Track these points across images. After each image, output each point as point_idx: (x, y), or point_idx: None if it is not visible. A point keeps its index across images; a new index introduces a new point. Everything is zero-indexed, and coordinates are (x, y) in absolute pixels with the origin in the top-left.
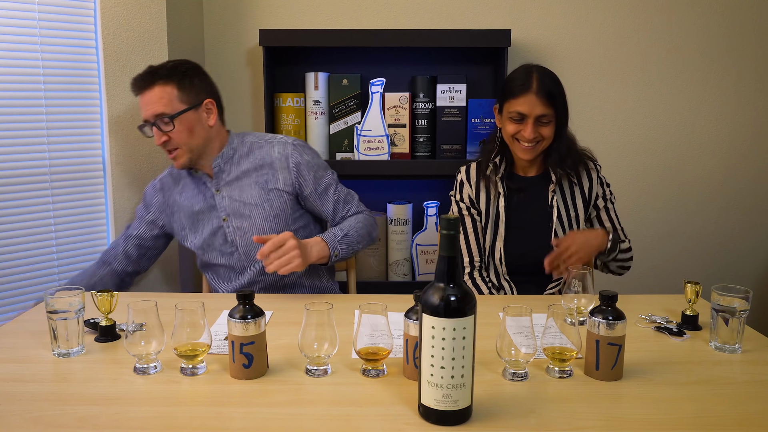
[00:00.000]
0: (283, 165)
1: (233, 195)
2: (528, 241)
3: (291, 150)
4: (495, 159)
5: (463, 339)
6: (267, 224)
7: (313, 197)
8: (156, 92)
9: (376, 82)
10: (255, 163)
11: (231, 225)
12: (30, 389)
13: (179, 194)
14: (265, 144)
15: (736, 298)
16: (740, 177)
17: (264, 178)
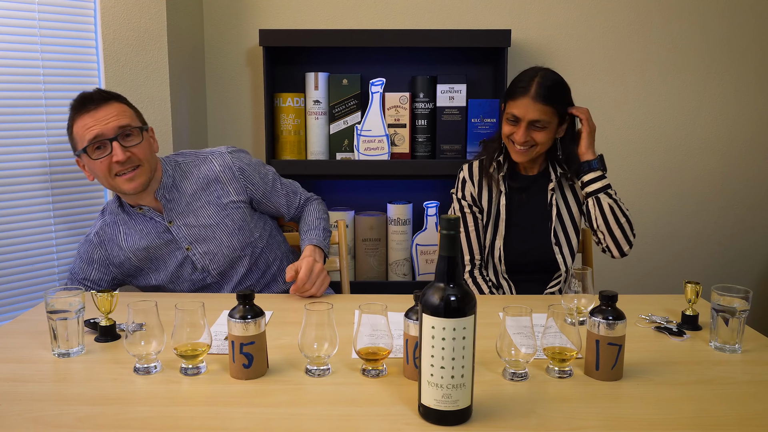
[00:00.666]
0: (229, 176)
1: (189, 222)
2: (528, 239)
3: (230, 159)
4: (498, 158)
5: (463, 339)
6: (233, 239)
7: (266, 197)
8: (115, 107)
9: (376, 82)
10: (199, 182)
11: (197, 252)
12: (30, 389)
13: (123, 241)
14: (200, 161)
15: (736, 298)
16: (740, 177)
17: (215, 195)
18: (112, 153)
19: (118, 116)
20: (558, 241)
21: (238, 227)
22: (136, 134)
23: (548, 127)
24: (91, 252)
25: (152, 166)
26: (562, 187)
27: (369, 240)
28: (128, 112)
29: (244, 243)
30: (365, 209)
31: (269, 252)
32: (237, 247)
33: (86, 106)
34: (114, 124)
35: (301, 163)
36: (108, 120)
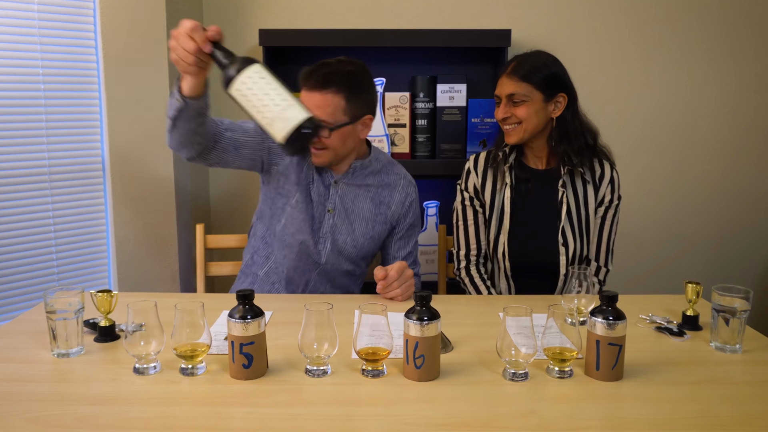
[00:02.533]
0: (401, 199)
1: (346, 197)
2: (533, 237)
3: (413, 191)
4: (505, 148)
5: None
6: (361, 241)
7: (396, 238)
8: (325, 98)
9: (376, 82)
10: (379, 182)
11: (332, 219)
12: (30, 389)
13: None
14: (393, 172)
15: (737, 298)
16: (740, 177)
17: (380, 198)
18: None
19: (321, 108)
20: (565, 242)
21: (371, 236)
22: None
23: (527, 101)
24: None
25: (338, 153)
26: (575, 185)
27: None
28: (333, 106)
29: (364, 250)
30: None
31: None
32: (358, 247)
33: (309, 82)
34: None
35: None
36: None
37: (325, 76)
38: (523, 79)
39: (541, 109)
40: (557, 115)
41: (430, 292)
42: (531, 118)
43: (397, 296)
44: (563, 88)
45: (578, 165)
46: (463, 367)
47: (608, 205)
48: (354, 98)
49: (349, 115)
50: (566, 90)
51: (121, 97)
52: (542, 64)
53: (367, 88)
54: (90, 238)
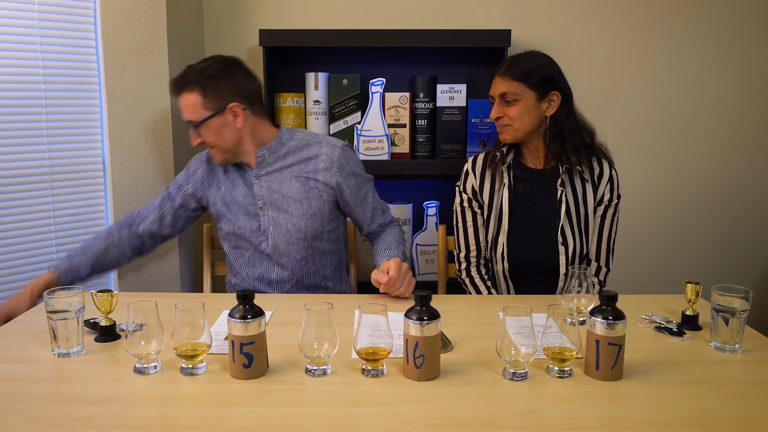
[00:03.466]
0: (327, 166)
1: (272, 186)
2: (533, 237)
3: (339, 154)
4: (503, 148)
5: None
6: (303, 222)
7: (353, 203)
8: (184, 99)
9: (376, 82)
10: (299, 158)
11: (267, 214)
12: (30, 389)
13: (222, 170)
14: (314, 143)
15: (736, 298)
16: (740, 177)
17: (305, 174)
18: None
19: (185, 110)
20: (565, 241)
21: (312, 213)
22: (202, 126)
23: (519, 100)
24: (197, 166)
25: (223, 148)
26: (573, 184)
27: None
28: (193, 104)
29: (312, 230)
30: None
31: (330, 254)
32: (302, 230)
33: (171, 92)
34: (185, 117)
35: None
36: (182, 111)
37: (179, 79)
38: (515, 78)
39: (533, 108)
40: (551, 114)
41: (430, 292)
42: (523, 117)
43: (402, 294)
44: (556, 86)
45: (576, 164)
46: (463, 367)
47: (608, 204)
48: (209, 91)
49: (211, 108)
50: (559, 88)
51: (121, 97)
52: (535, 63)
53: (224, 77)
54: None
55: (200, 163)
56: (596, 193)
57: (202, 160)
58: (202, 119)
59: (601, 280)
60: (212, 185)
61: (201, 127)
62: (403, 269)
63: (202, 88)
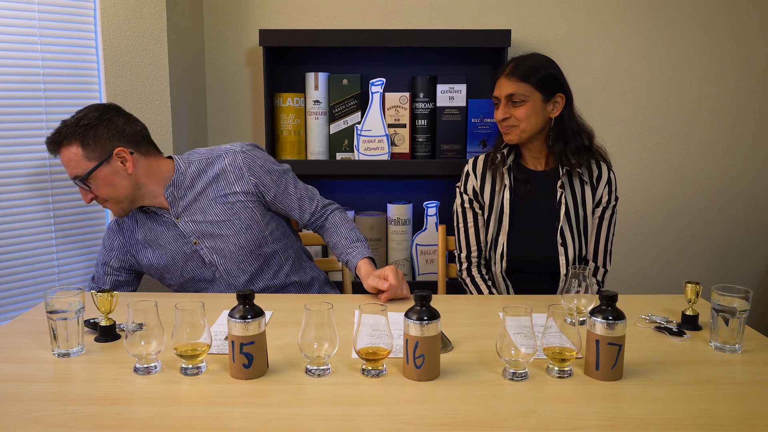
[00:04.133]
0: (237, 174)
1: (196, 218)
2: (532, 238)
3: (242, 158)
4: (503, 149)
5: None
6: (242, 238)
7: (278, 199)
8: (65, 155)
9: (376, 82)
10: (208, 180)
11: (204, 247)
12: (30, 389)
13: (141, 232)
14: (213, 159)
15: (736, 298)
16: (740, 177)
17: (222, 192)
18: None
19: (68, 166)
20: (564, 242)
21: (246, 226)
22: (90, 179)
23: (526, 101)
24: (112, 239)
25: (119, 197)
26: (573, 185)
27: (369, 240)
28: (75, 158)
29: (253, 241)
30: (365, 209)
31: (282, 252)
32: (245, 245)
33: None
34: (70, 173)
35: (301, 163)
36: (66, 169)
37: (54, 135)
38: (522, 79)
39: (540, 110)
40: (555, 115)
41: (430, 292)
42: (530, 118)
43: (404, 296)
44: (561, 88)
45: (576, 166)
46: (463, 367)
47: (606, 206)
48: (89, 141)
49: (95, 158)
50: (563, 90)
51: (121, 97)
52: (540, 64)
53: (102, 124)
54: (90, 238)
55: (114, 234)
56: (595, 195)
57: (115, 231)
58: (88, 171)
59: (599, 280)
60: (139, 249)
61: (89, 180)
62: (400, 274)
63: (81, 139)
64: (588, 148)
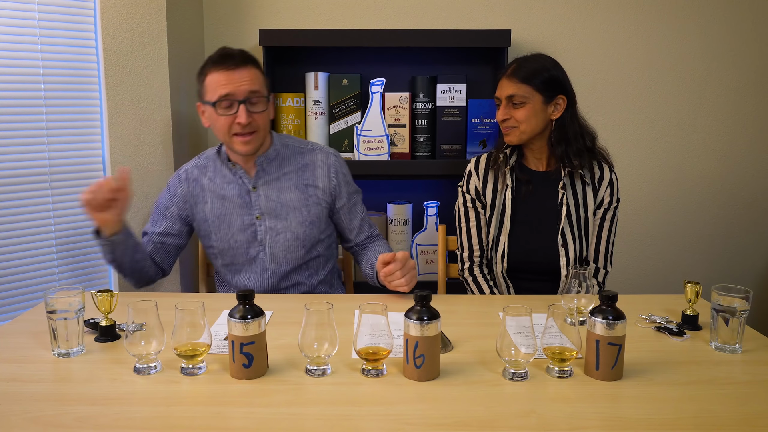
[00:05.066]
0: (324, 173)
1: (270, 194)
2: (533, 238)
3: (334, 160)
4: (506, 150)
5: None
6: (301, 229)
7: (344, 210)
8: (252, 72)
9: (376, 82)
10: (296, 166)
11: (264, 224)
12: (30, 389)
13: (208, 183)
14: (307, 150)
15: (736, 298)
16: (740, 177)
17: (304, 182)
18: (237, 114)
19: (251, 81)
20: (565, 243)
21: (310, 220)
22: (262, 102)
23: (526, 103)
24: (176, 186)
25: (264, 133)
26: (574, 186)
27: None
28: (260, 78)
29: (309, 237)
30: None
31: (323, 259)
32: (301, 237)
33: (226, 62)
34: (246, 87)
35: None
36: (242, 82)
37: (241, 54)
38: (523, 80)
39: (540, 111)
40: (556, 117)
41: (430, 292)
42: (530, 120)
43: (402, 285)
44: (563, 90)
45: (578, 167)
46: (463, 367)
47: (607, 207)
48: (264, 76)
49: (267, 92)
50: (565, 92)
51: (121, 97)
52: (542, 66)
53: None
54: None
55: (180, 182)
56: (596, 196)
57: (182, 179)
58: (267, 95)
59: (600, 281)
60: (198, 202)
61: (259, 102)
62: (409, 263)
63: (261, 72)
64: (590, 149)
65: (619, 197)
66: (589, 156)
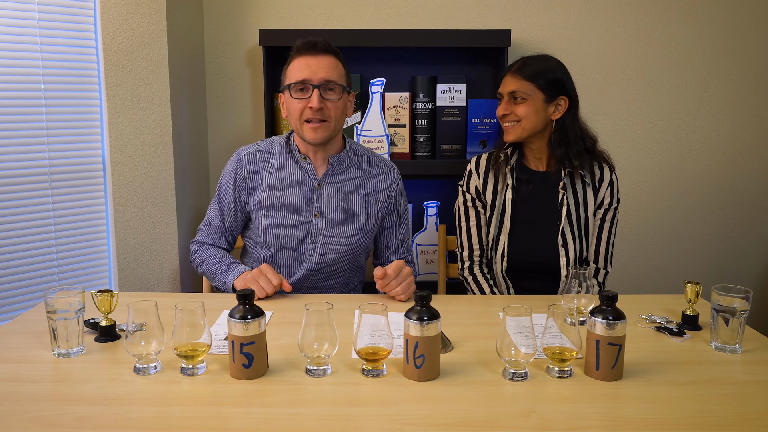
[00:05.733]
0: (387, 186)
1: (334, 195)
2: (534, 238)
3: (397, 174)
4: (507, 149)
5: None
6: (354, 237)
7: (389, 225)
8: (332, 60)
9: (376, 82)
10: (363, 174)
11: (321, 222)
12: (30, 389)
13: (270, 170)
14: (374, 160)
15: (736, 298)
16: (740, 177)
17: (368, 191)
18: (310, 99)
19: (329, 69)
20: (565, 243)
21: (365, 230)
22: (337, 91)
23: (528, 99)
24: (234, 171)
25: (338, 126)
26: (575, 187)
27: None
28: (340, 69)
29: (359, 246)
30: None
31: (361, 270)
32: (353, 244)
33: (309, 50)
34: (323, 75)
35: None
36: (319, 69)
37: (323, 44)
38: (526, 78)
39: (541, 110)
40: (557, 118)
41: (430, 292)
42: (530, 117)
43: (398, 294)
44: (565, 91)
45: (578, 167)
46: (463, 367)
47: (607, 208)
48: (346, 69)
49: (348, 84)
50: (568, 94)
51: (121, 97)
52: (548, 67)
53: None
54: (90, 238)
55: (239, 167)
56: (596, 197)
57: (242, 164)
58: (345, 86)
59: (600, 281)
60: (256, 189)
61: (333, 92)
62: (404, 271)
63: (343, 64)
64: (590, 151)
65: (619, 198)
66: (590, 157)
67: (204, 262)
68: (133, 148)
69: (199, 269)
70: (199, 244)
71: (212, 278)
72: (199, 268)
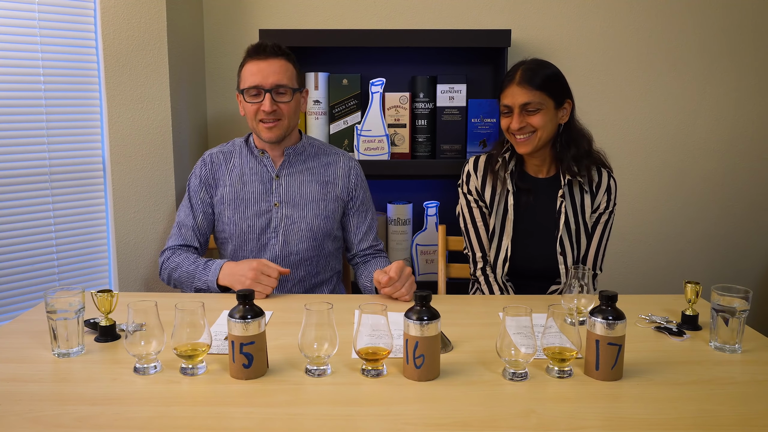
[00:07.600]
0: (345, 173)
1: (292, 185)
2: (532, 245)
3: (355, 164)
4: (505, 154)
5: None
6: (316, 222)
7: (354, 212)
8: (282, 64)
9: (376, 82)
10: (320, 163)
11: (280, 212)
12: (30, 389)
13: (231, 167)
14: (331, 152)
15: (736, 298)
16: (740, 177)
17: (325, 179)
18: (263, 103)
19: (279, 73)
20: (563, 251)
21: (326, 215)
22: (288, 93)
23: (542, 109)
24: (200, 170)
25: (291, 123)
26: (573, 194)
27: None
28: (290, 71)
29: (323, 231)
30: None
31: (330, 259)
32: (315, 230)
33: (259, 54)
34: (273, 79)
35: None
36: (270, 73)
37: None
38: (537, 87)
39: (554, 117)
40: (564, 122)
41: (430, 292)
42: (546, 126)
43: (403, 296)
44: (569, 94)
45: (578, 174)
46: (463, 367)
47: (602, 211)
48: (297, 69)
49: (299, 84)
50: (570, 96)
51: (121, 97)
52: (553, 72)
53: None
54: (90, 238)
55: (203, 166)
56: (594, 202)
57: (206, 162)
58: (295, 88)
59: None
60: (219, 185)
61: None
62: (405, 272)
63: (294, 64)
64: (588, 153)
65: (616, 202)
66: (587, 160)
67: (178, 267)
68: (133, 148)
69: (173, 276)
70: (171, 251)
71: (190, 280)
72: (174, 274)
